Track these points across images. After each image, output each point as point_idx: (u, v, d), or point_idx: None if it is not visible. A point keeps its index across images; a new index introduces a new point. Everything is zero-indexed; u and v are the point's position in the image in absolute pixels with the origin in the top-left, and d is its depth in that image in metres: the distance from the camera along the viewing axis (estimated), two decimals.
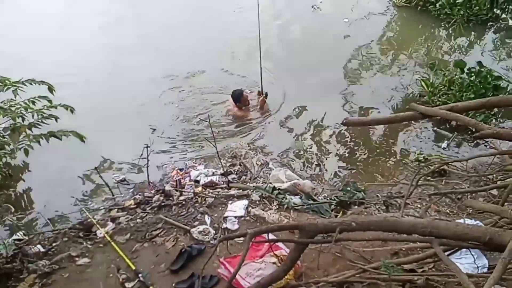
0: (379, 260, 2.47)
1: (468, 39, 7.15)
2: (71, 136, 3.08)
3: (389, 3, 8.19)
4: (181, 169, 4.63)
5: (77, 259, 3.30)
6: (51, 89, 3.30)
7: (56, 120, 3.43)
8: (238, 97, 5.55)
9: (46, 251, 3.44)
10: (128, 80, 6.23)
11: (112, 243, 3.36)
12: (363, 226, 1.78)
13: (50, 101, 3.29)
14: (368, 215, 3.24)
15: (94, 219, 3.89)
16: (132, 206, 4.06)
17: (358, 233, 1.83)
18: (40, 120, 3.22)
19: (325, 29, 7.42)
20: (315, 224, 1.84)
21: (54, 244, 3.57)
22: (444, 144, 4.84)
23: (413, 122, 5.15)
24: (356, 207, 3.64)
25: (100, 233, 3.64)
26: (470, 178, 4.19)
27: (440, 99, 5.38)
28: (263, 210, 3.58)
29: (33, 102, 3.33)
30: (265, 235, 1.98)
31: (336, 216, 3.58)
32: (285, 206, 3.59)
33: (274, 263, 2.51)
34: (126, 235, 3.51)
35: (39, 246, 3.45)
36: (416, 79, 5.94)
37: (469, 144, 4.89)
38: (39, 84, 3.25)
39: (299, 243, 1.85)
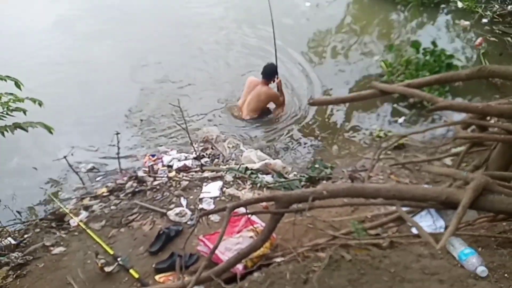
0: (348, 228, 2.67)
1: (422, 21, 7.49)
2: (38, 127, 2.99)
3: None
4: (153, 155, 4.63)
5: (52, 248, 3.27)
6: (18, 84, 3.18)
7: (25, 113, 3.32)
8: (274, 72, 4.95)
9: (17, 243, 3.38)
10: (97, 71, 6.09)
11: (88, 230, 3.36)
12: (333, 194, 1.93)
13: (16, 97, 3.17)
14: (335, 184, 3.44)
15: (66, 208, 3.85)
16: (105, 194, 4.04)
17: (329, 201, 1.98)
18: (6, 113, 3.11)
19: (287, 12, 7.49)
20: (290, 194, 1.98)
21: (26, 236, 3.52)
22: (400, 120, 5.13)
23: (374, 99, 5.44)
24: (324, 182, 3.83)
25: (74, 222, 3.62)
26: (426, 150, 4.52)
27: (398, 78, 5.66)
28: (237, 189, 3.69)
29: None
30: (243, 208, 2.09)
31: None
32: (258, 185, 3.72)
33: (251, 237, 2.63)
34: (101, 222, 3.51)
35: (9, 238, 3.38)
36: (375, 60, 6.20)
37: (425, 121, 5.23)
38: (4, 80, 3.12)
39: (275, 213, 1.98)
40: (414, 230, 2.55)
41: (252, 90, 5.11)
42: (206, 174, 4.09)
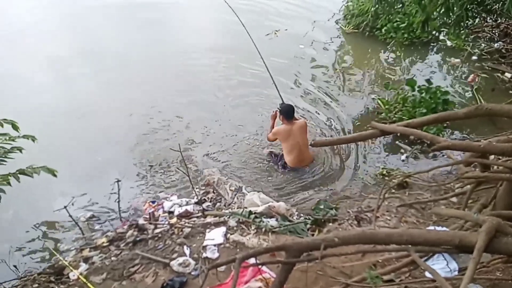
0: (359, 274, 2.58)
1: (414, 59, 7.75)
2: (41, 172, 2.94)
3: (338, 31, 8.72)
4: (153, 202, 4.56)
5: None
6: (15, 126, 3.16)
7: (21, 152, 3.25)
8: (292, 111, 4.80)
9: None
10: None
11: (88, 284, 3.23)
12: (344, 240, 1.87)
13: (9, 136, 3.12)
14: (346, 231, 3.36)
15: (66, 260, 3.73)
16: (105, 244, 3.94)
17: (340, 248, 1.92)
18: (3, 156, 3.04)
19: (283, 53, 7.69)
20: (300, 243, 1.92)
21: None
22: (403, 157, 5.15)
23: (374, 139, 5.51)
24: (330, 224, 3.76)
25: (74, 275, 3.49)
26: (430, 188, 4.49)
27: (396, 115, 5.75)
28: (241, 235, 3.61)
29: None
30: (252, 258, 2.02)
31: (312, 234, 3.69)
32: (263, 229, 3.64)
33: (259, 287, 2.54)
34: (102, 275, 3.39)
35: None
36: (373, 98, 6.33)
37: (426, 156, 5.24)
38: (1, 125, 3.10)
39: (286, 263, 1.91)
40: (428, 274, 2.47)
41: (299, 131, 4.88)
42: (208, 219, 4.01)
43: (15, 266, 3.86)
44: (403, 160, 5.08)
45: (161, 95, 6.51)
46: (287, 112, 4.84)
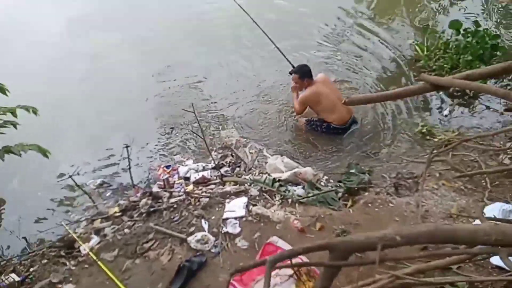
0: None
1: None
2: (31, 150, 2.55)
3: None
4: (167, 166, 4.18)
5: (59, 286, 2.88)
6: (3, 90, 2.75)
7: (16, 127, 2.89)
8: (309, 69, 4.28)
9: (22, 279, 3.00)
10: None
11: (99, 262, 2.95)
12: (410, 239, 1.43)
13: (5, 109, 2.74)
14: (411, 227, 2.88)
15: (76, 233, 3.46)
16: (117, 214, 3.63)
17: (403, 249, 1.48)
18: None
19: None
20: (350, 241, 1.48)
21: (31, 270, 3.13)
22: (445, 111, 4.52)
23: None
24: (366, 194, 3.31)
25: (84, 249, 3.22)
26: (477, 148, 3.95)
27: (436, 63, 5.05)
28: (265, 207, 3.21)
29: None
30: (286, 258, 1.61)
31: (345, 205, 3.27)
32: (289, 200, 3.23)
33: (290, 275, 2.16)
34: (113, 251, 3.10)
35: (13, 275, 3.00)
36: (410, 43, 5.57)
37: (470, 111, 4.61)
38: None
39: (331, 266, 1.50)
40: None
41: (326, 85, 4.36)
42: (228, 187, 3.62)
43: (24, 238, 3.64)
44: (445, 116, 4.47)
45: (180, 51, 5.89)
46: (306, 72, 4.24)
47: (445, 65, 4.95)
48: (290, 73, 4.39)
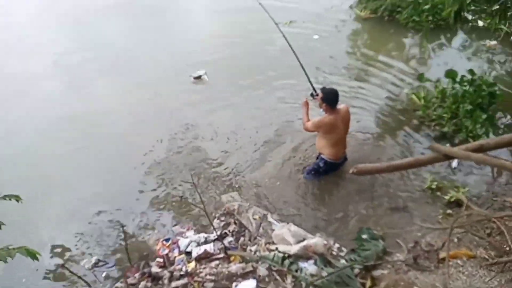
0: None
1: (444, 44, 6.89)
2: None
3: (351, 17, 7.84)
4: (167, 240, 3.92)
5: None
6: None
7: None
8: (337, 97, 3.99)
9: None
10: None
11: None
12: None
13: None
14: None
15: None
16: None
17: None
18: None
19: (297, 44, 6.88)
20: None
21: None
22: (454, 163, 4.34)
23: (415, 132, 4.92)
24: (384, 272, 3.07)
25: None
26: (492, 205, 3.81)
27: (435, 113, 5.03)
28: None
29: None
30: None
31: (363, 284, 3.03)
32: (303, 284, 2.98)
33: None
34: None
35: None
36: (405, 93, 5.55)
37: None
38: None
39: None
40: None
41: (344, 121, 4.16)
42: (233, 265, 3.37)
43: None
44: (454, 168, 4.32)
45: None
46: (332, 100, 3.97)
47: (443, 115, 4.92)
48: (311, 95, 4.24)
